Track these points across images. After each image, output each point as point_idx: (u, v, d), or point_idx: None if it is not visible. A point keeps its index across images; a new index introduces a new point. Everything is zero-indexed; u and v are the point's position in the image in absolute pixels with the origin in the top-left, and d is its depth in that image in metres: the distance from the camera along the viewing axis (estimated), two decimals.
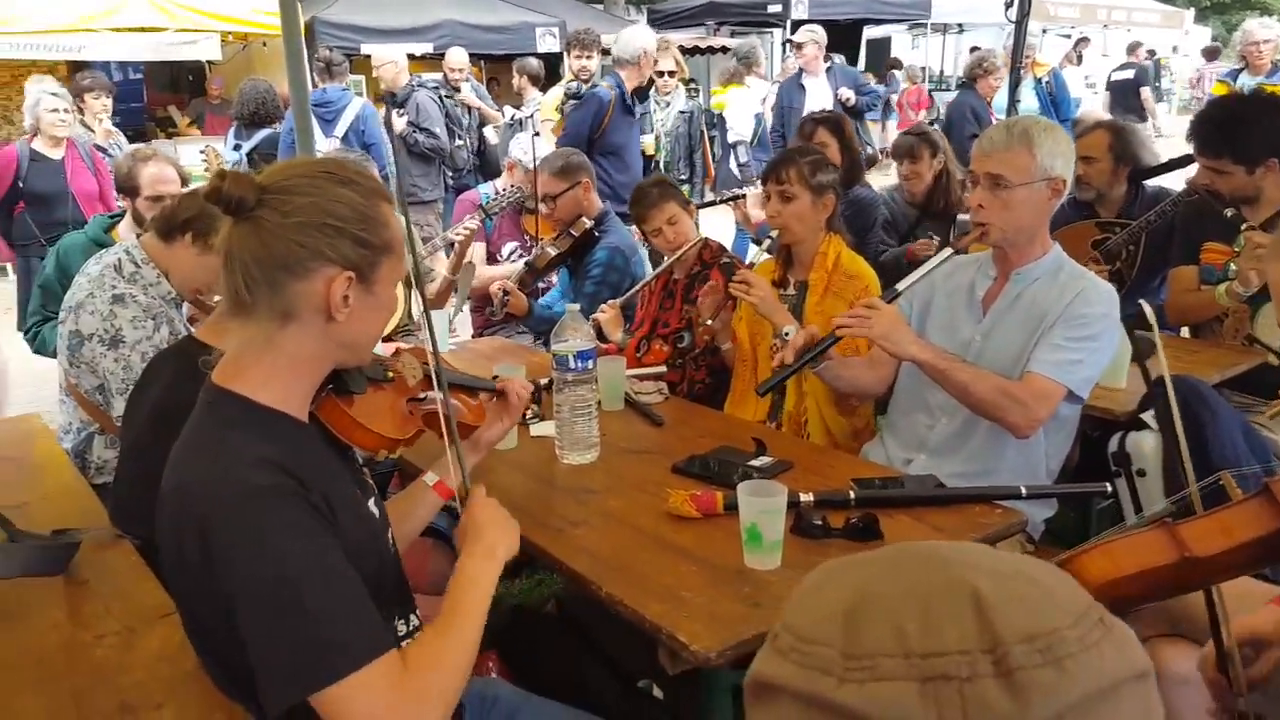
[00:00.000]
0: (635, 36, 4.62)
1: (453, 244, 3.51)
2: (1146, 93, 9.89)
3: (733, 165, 5.65)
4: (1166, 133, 11.97)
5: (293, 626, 1.03)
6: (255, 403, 1.16)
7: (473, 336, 3.74)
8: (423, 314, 1.48)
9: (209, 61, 8.38)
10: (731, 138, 5.83)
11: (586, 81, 4.93)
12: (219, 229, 1.18)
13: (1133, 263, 3.22)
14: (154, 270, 2.33)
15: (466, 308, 3.75)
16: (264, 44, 7.72)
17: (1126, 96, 9.80)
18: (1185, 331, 3.01)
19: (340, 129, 5.12)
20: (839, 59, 6.79)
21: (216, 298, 2.58)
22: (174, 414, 1.26)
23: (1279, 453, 2.33)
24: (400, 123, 5.71)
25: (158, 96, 11.01)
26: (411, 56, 8.42)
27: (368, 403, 1.37)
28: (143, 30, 6.94)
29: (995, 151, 2.04)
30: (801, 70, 6.04)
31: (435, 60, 8.66)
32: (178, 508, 1.11)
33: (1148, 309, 1.44)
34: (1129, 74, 10.19)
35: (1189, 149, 2.81)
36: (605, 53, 5.30)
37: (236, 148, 5.50)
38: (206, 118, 8.40)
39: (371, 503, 1.33)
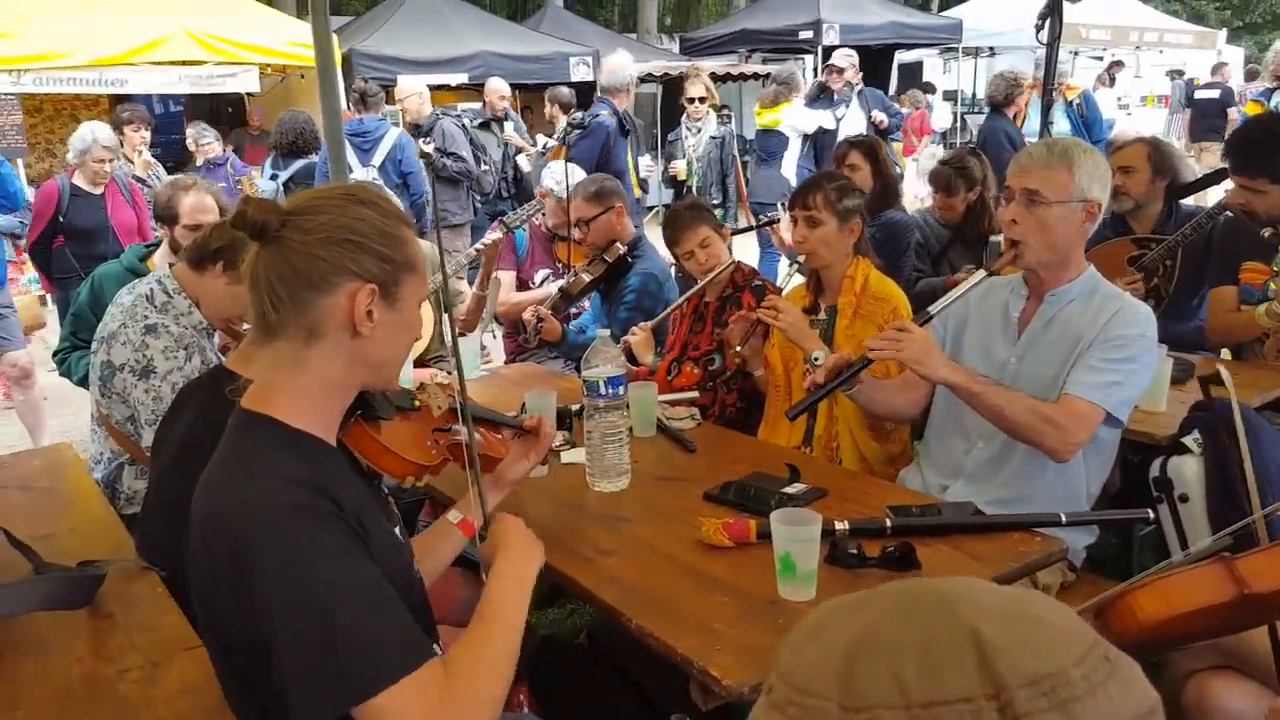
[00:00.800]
0: (621, 64, 4.81)
1: (477, 258, 3.54)
2: (1234, 113, 9.72)
3: (787, 170, 5.60)
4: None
5: (329, 641, 1.03)
6: (286, 425, 1.18)
7: (505, 362, 3.75)
8: (452, 343, 1.49)
9: (248, 93, 8.57)
10: (795, 140, 5.78)
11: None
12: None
13: (1170, 278, 3.17)
14: (185, 300, 2.36)
15: (499, 333, 3.77)
16: (302, 76, 7.87)
17: (1209, 117, 9.72)
18: (1225, 353, 2.95)
19: (378, 159, 5.21)
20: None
21: (247, 326, 2.63)
22: (202, 444, 1.27)
23: None
24: (427, 149, 5.81)
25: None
26: (447, 87, 8.57)
27: (394, 430, 1.38)
28: (184, 64, 7.12)
29: (1035, 168, 2.02)
30: (833, 93, 6.06)
31: (470, 90, 8.81)
32: (211, 531, 1.12)
33: (1225, 373, 1.42)
34: (1214, 93, 10.10)
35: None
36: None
37: (273, 177, 5.61)
38: (246, 149, 8.57)
39: (397, 530, 1.33)
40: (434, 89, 7.75)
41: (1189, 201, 3.37)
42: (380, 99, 5.56)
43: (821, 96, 6.19)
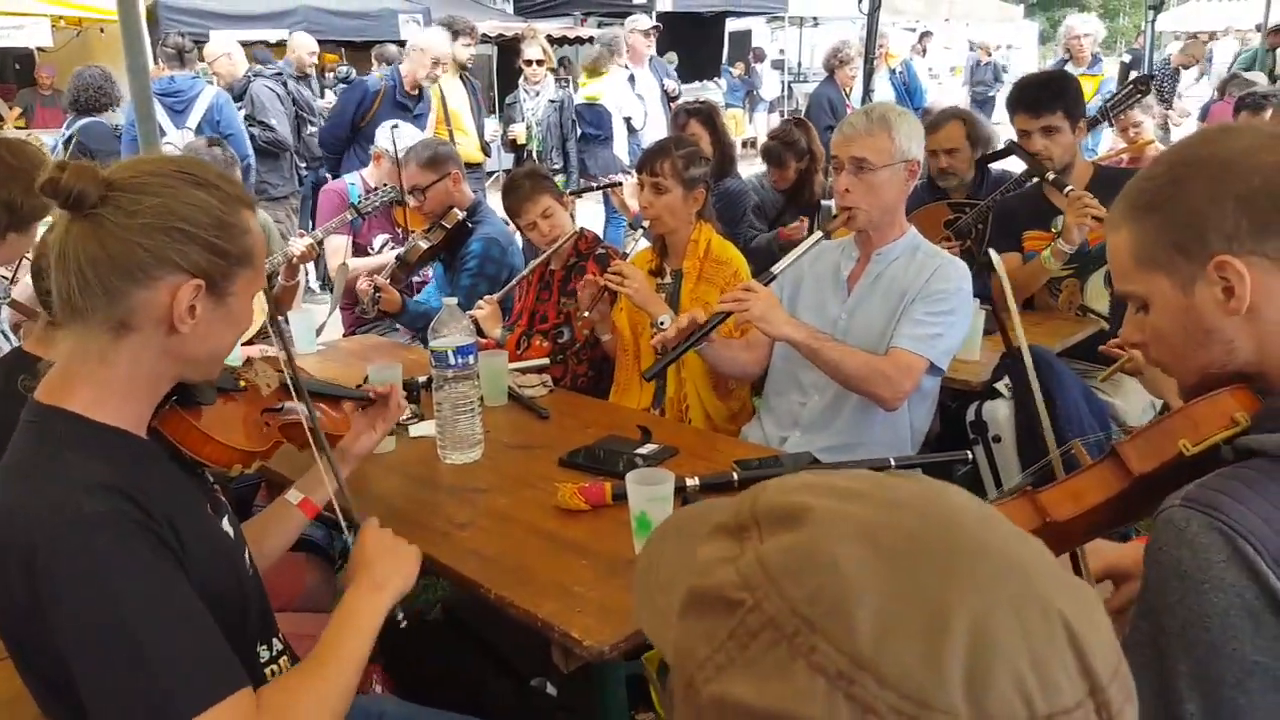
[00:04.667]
0: (429, 43, 4.73)
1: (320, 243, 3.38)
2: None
3: (619, 149, 5.58)
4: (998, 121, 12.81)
5: (128, 671, 0.95)
6: (87, 419, 1.07)
7: (344, 335, 3.60)
8: (268, 318, 1.41)
9: (39, 48, 7.71)
10: (618, 120, 5.74)
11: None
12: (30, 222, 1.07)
13: (981, 240, 3.44)
14: None
15: (340, 302, 3.61)
16: (101, 30, 7.15)
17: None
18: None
19: (193, 120, 4.82)
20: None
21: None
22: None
23: (1115, 414, 2.54)
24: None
25: None
26: (265, 44, 8.03)
27: (217, 415, 1.28)
28: None
29: (857, 136, 2.13)
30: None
31: (275, 46, 8.28)
32: (3, 540, 1.00)
33: (995, 256, 1.55)
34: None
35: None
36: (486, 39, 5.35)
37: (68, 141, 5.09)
38: (36, 110, 7.72)
39: (225, 522, 1.24)
40: (250, 45, 7.24)
41: (996, 166, 3.66)
42: (194, 55, 5.13)
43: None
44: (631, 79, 5.89)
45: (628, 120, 5.46)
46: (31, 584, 0.97)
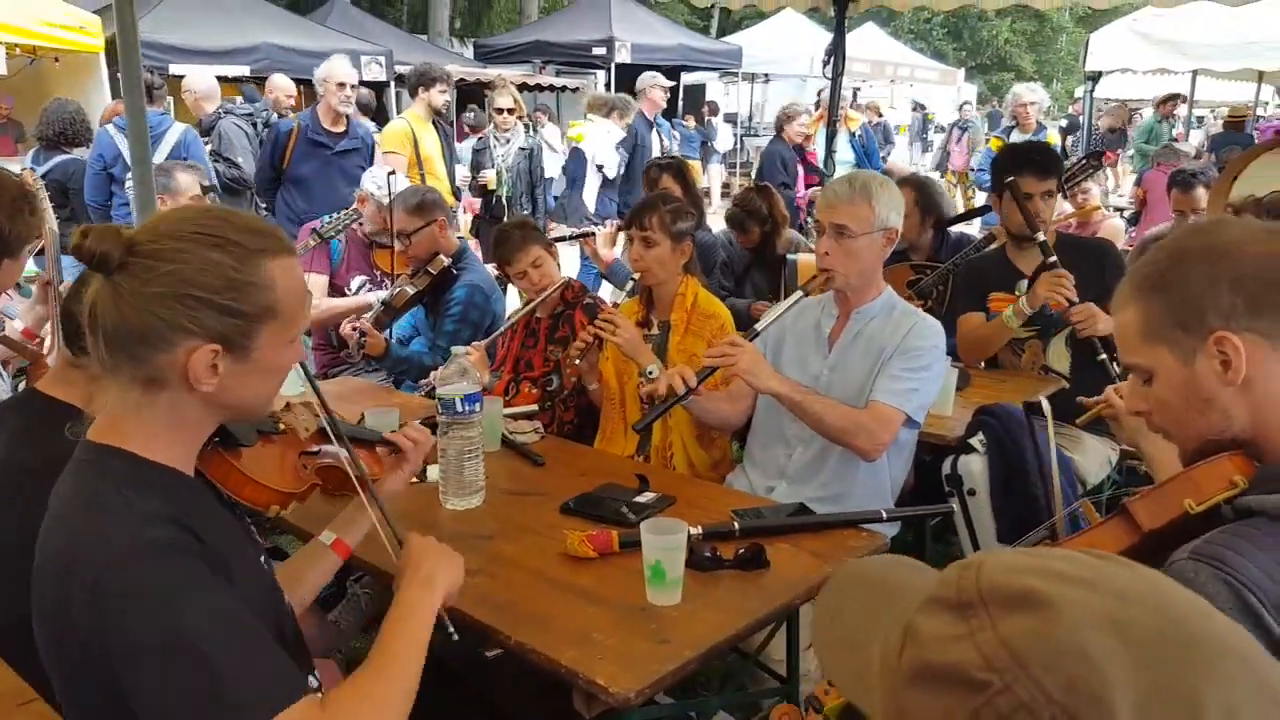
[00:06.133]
0: (324, 67, 4.84)
1: None
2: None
3: (588, 197, 5.70)
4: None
5: (198, 684, 0.99)
6: (141, 458, 1.11)
7: (316, 375, 3.59)
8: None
9: None
10: (593, 166, 5.88)
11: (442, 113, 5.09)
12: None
13: (942, 301, 3.61)
14: None
15: (309, 343, 3.61)
16: (56, 60, 7.04)
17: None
18: (981, 364, 3.37)
19: (160, 156, 4.79)
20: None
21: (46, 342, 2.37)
22: (19, 473, 1.16)
23: (1076, 469, 2.68)
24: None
25: None
26: (225, 79, 7.99)
27: (256, 456, 1.32)
28: None
29: (840, 204, 2.25)
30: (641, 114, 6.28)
31: (253, 83, 8.25)
32: (64, 570, 1.04)
33: (1045, 404, 1.65)
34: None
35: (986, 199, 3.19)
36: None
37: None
38: None
39: (263, 561, 1.28)
40: (232, 81, 7.20)
41: (955, 229, 3.85)
42: (164, 92, 5.11)
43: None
44: (650, 125, 6.13)
45: (600, 168, 5.58)
46: (96, 608, 1.00)
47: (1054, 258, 2.72)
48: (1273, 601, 0.90)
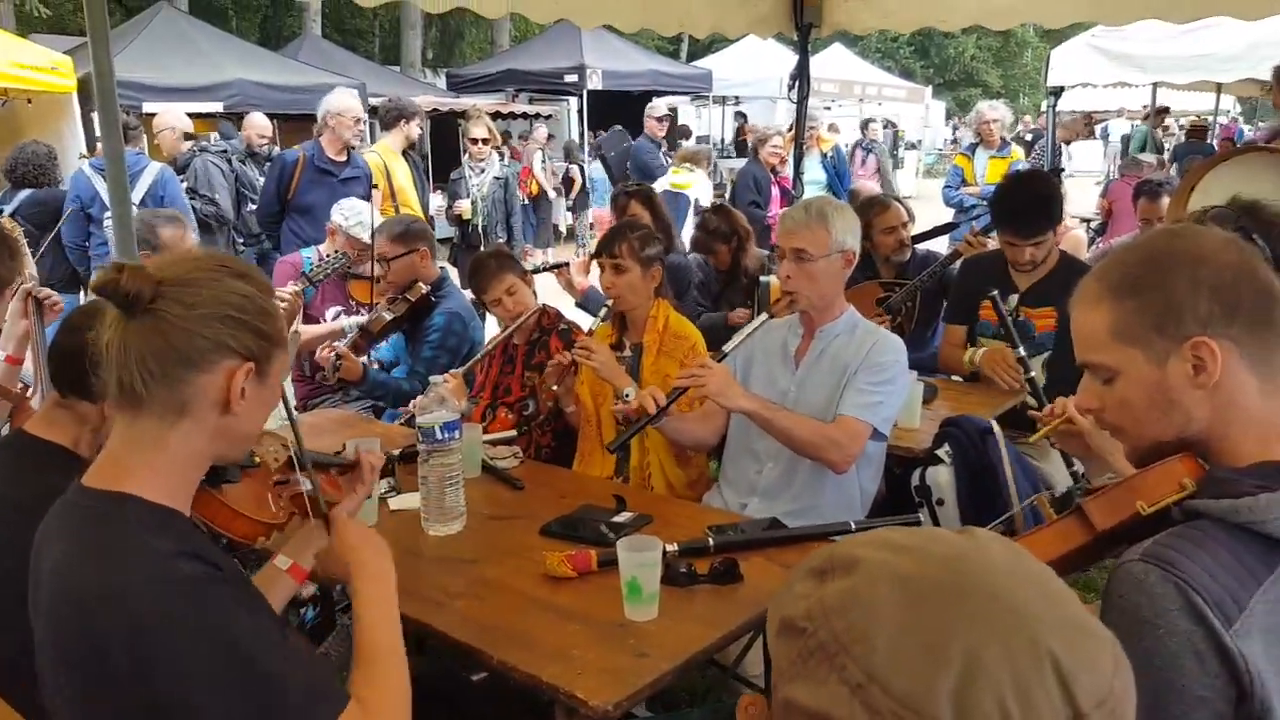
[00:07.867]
0: (335, 101, 4.97)
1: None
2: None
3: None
4: (914, 194, 13.50)
5: (261, 699, 1.06)
6: (148, 502, 1.14)
7: (295, 406, 3.61)
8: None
9: None
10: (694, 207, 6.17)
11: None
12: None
13: (910, 316, 3.71)
14: None
15: (289, 377, 3.63)
16: (29, 101, 7.05)
17: None
18: (955, 377, 3.47)
19: (137, 195, 4.82)
20: None
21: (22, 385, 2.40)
22: (12, 514, 1.19)
23: (1044, 477, 2.76)
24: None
25: None
26: (199, 116, 8.03)
27: (240, 492, 1.36)
28: None
29: (798, 230, 2.35)
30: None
31: (227, 119, 8.30)
32: (92, 620, 1.06)
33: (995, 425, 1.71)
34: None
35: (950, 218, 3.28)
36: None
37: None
38: None
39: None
40: (207, 117, 7.23)
41: (922, 246, 3.96)
42: (140, 131, 5.15)
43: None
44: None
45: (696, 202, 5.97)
46: (139, 654, 1.03)
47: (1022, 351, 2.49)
48: (1214, 599, 0.94)
